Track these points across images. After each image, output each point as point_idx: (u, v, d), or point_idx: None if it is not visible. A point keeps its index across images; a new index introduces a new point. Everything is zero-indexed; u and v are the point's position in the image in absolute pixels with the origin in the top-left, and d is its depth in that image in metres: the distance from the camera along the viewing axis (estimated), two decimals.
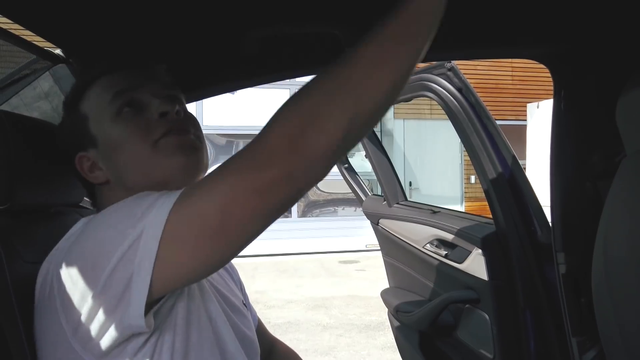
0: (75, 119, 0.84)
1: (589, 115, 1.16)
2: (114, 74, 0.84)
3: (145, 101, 0.82)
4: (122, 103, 0.81)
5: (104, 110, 0.81)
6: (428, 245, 1.86)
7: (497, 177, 1.52)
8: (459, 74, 1.57)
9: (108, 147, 0.81)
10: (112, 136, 0.81)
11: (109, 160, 0.82)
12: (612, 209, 0.99)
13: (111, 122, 0.81)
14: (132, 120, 0.80)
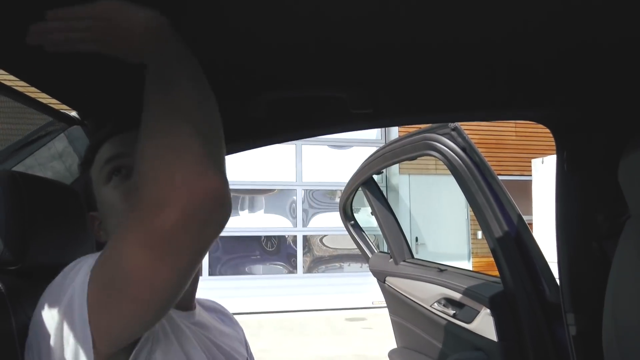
0: (85, 180, 0.90)
1: (592, 176, 1.17)
2: (114, 138, 0.88)
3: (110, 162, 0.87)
4: (111, 169, 0.85)
5: (99, 175, 0.87)
6: (436, 304, 1.84)
7: (504, 236, 1.52)
8: (462, 133, 1.60)
9: (102, 211, 0.87)
10: (104, 200, 0.86)
11: (105, 223, 0.86)
12: (619, 270, 0.99)
13: (103, 187, 0.85)
14: (119, 186, 0.84)
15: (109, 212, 0.85)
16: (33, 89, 0.99)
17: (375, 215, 2.28)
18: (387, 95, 1.10)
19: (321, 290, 9.02)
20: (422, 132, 1.74)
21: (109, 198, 0.84)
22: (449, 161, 1.60)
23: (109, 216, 0.85)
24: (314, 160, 9.50)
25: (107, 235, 0.86)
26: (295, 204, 9.44)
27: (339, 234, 9.19)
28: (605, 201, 1.14)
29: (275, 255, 9.38)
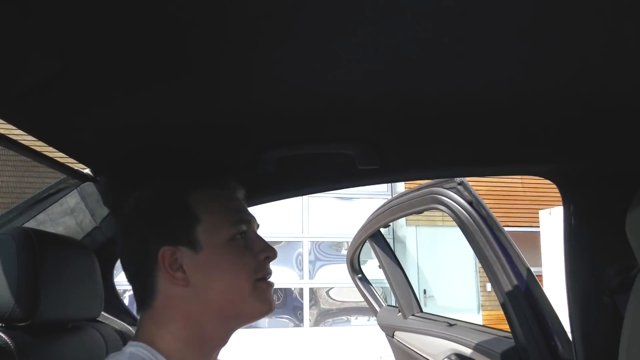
0: (180, 211, 0.85)
1: (600, 229, 1.17)
2: (229, 194, 0.90)
3: (251, 237, 0.88)
4: (238, 231, 0.85)
5: (222, 228, 0.84)
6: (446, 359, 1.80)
7: (513, 290, 1.50)
8: (469, 187, 1.61)
9: (211, 264, 0.83)
10: (221, 257, 0.83)
11: (202, 274, 0.83)
12: (632, 325, 0.97)
13: (225, 243, 0.84)
14: (243, 252, 0.85)
15: (222, 271, 0.83)
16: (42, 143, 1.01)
17: (383, 269, 2.26)
18: (393, 151, 1.12)
19: (328, 343, 8.83)
20: (429, 186, 1.76)
21: (228, 258, 0.83)
22: (456, 215, 1.61)
23: (217, 274, 0.83)
24: (321, 212, 9.51)
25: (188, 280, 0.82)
26: (302, 256, 9.38)
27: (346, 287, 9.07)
28: (615, 255, 1.14)
29: (281, 308, 9.24)
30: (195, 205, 0.85)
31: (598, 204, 1.18)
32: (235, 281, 0.83)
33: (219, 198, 0.88)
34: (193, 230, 0.83)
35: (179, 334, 0.82)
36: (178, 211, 0.85)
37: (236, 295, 0.83)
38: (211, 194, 0.88)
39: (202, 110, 0.90)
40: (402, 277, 2.23)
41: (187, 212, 0.84)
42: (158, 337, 0.82)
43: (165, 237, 0.83)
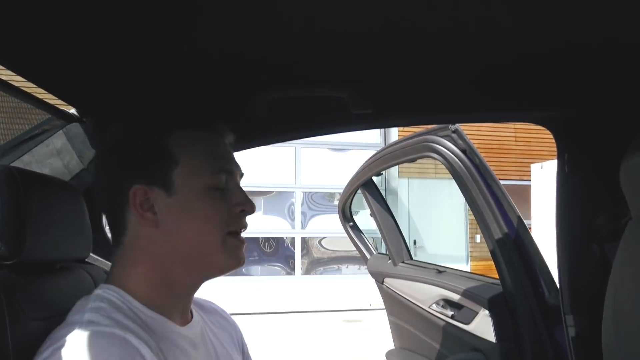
0: (157, 151, 0.81)
1: (593, 178, 1.17)
2: (215, 139, 0.85)
3: (231, 188, 0.84)
4: (219, 181, 0.82)
5: (200, 174, 0.81)
6: (434, 305, 1.83)
7: (503, 238, 1.52)
8: (463, 135, 1.59)
9: (183, 209, 0.80)
10: (195, 204, 0.80)
11: (173, 218, 0.80)
12: (620, 272, 0.98)
13: (200, 190, 0.81)
14: (219, 202, 0.81)
15: (193, 218, 0.80)
16: (29, 84, 0.98)
17: (374, 217, 2.27)
18: (387, 95, 1.10)
19: (319, 291, 9.02)
20: (422, 134, 1.74)
21: (202, 206, 0.80)
22: (449, 163, 1.60)
23: (188, 220, 0.80)
24: (313, 162, 9.51)
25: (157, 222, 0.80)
26: (294, 206, 9.44)
27: (337, 237, 9.19)
28: (607, 204, 1.14)
29: (273, 256, 9.38)
30: (175, 146, 0.81)
31: (592, 153, 1.17)
32: (205, 231, 0.80)
33: (203, 142, 0.84)
34: (169, 172, 0.80)
35: (147, 275, 0.82)
36: (155, 150, 0.81)
37: (204, 245, 0.81)
38: (195, 136, 0.83)
39: (191, 52, 0.87)
40: (393, 225, 2.24)
41: (165, 151, 0.81)
42: (128, 278, 0.82)
43: (139, 175, 0.80)
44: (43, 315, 0.83)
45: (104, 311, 0.75)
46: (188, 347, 0.84)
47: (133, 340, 0.71)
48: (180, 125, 0.84)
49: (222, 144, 0.86)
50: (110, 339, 0.70)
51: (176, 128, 0.83)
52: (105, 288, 0.81)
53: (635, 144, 0.92)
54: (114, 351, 0.69)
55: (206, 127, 0.86)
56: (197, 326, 0.90)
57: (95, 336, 0.70)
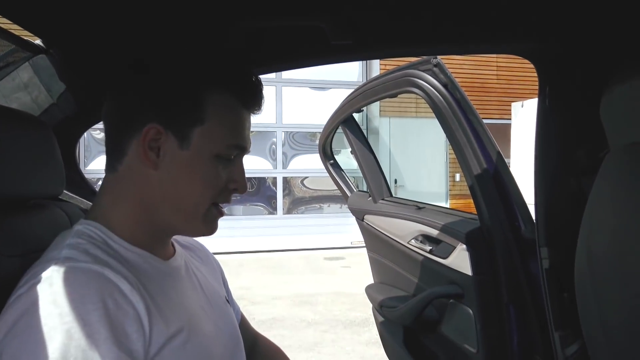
0: (190, 102, 0.80)
1: (573, 112, 1.17)
2: (244, 113, 0.85)
3: (236, 164, 0.85)
4: (230, 154, 0.83)
5: (218, 141, 0.81)
6: (413, 240, 1.86)
7: (482, 173, 1.52)
8: (444, 69, 1.57)
9: (188, 165, 0.80)
10: (200, 166, 0.81)
11: (175, 169, 0.80)
12: (595, 204, 1.00)
13: (212, 155, 0.81)
14: (220, 173, 0.82)
15: (193, 176, 0.81)
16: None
17: (355, 154, 2.26)
18: (367, 26, 1.06)
19: (301, 230, 9.15)
20: (404, 68, 1.71)
21: (206, 169, 0.81)
22: (430, 98, 1.58)
23: (188, 176, 0.80)
24: (295, 102, 9.40)
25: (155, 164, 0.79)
26: (275, 146, 9.40)
27: (319, 176, 9.23)
28: (586, 138, 1.14)
29: (255, 196, 9.42)
30: (209, 105, 0.81)
31: (574, 86, 1.16)
32: (199, 194, 0.81)
33: (233, 112, 0.84)
34: (192, 127, 0.80)
35: (132, 211, 0.82)
36: (189, 100, 0.80)
37: (192, 205, 0.82)
38: (229, 102, 0.83)
39: None
40: (373, 162, 2.24)
41: (198, 106, 0.80)
42: (110, 212, 0.82)
43: (161, 116, 0.80)
44: (18, 252, 0.81)
45: (82, 247, 0.75)
46: (172, 281, 0.85)
47: (111, 276, 0.71)
48: (221, 83, 0.82)
49: (247, 120, 0.87)
50: (87, 274, 0.70)
51: (217, 86, 0.82)
52: (86, 224, 0.80)
53: (616, 76, 0.91)
54: (91, 286, 0.69)
55: (246, 97, 0.85)
56: (180, 260, 0.91)
57: (73, 272, 0.69)
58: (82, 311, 0.65)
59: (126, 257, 0.79)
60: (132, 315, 0.70)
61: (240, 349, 0.95)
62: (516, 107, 8.12)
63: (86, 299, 0.67)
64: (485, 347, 1.55)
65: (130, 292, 0.72)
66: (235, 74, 0.85)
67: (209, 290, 0.94)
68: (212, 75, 0.83)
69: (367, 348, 4.06)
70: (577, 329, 1.11)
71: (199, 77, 0.82)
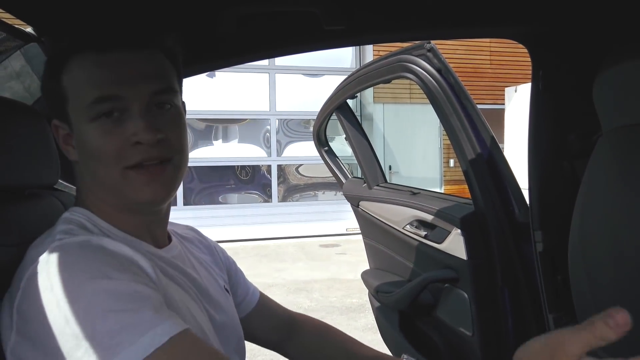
0: (55, 87, 0.77)
1: (566, 96, 1.17)
2: (103, 56, 0.75)
3: (125, 114, 0.75)
4: (100, 111, 0.74)
5: (82, 105, 0.75)
6: (408, 226, 1.87)
7: (476, 158, 1.53)
8: (438, 54, 1.56)
9: (80, 144, 0.77)
10: (86, 139, 0.76)
11: (80, 154, 0.78)
12: (588, 187, 1.00)
13: (87, 123, 0.75)
14: (108, 134, 0.74)
15: (90, 153, 0.76)
16: None
17: (349, 141, 2.26)
18: (360, 10, 1.06)
19: (296, 218, 9.16)
20: (397, 53, 1.70)
21: (92, 139, 0.75)
22: (423, 83, 1.58)
23: (88, 156, 0.76)
24: (288, 89, 9.36)
25: (75, 155, 0.79)
26: (270, 134, 9.38)
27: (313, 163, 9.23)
28: (579, 121, 1.15)
29: (249, 184, 9.42)
30: (64, 77, 0.76)
31: (566, 69, 1.17)
32: (101, 167, 0.76)
33: (85, 66, 0.75)
34: (64, 107, 0.77)
35: (98, 201, 0.81)
36: (53, 83, 0.77)
37: (108, 181, 0.77)
38: (80, 60, 0.75)
39: None
40: (368, 148, 2.24)
41: (58, 85, 0.76)
42: (88, 202, 0.82)
43: (52, 110, 0.80)
44: (14, 242, 0.81)
45: (72, 232, 0.74)
46: (167, 268, 0.84)
47: (110, 245, 0.72)
48: (79, 47, 0.76)
49: (110, 63, 0.75)
50: (89, 246, 0.70)
51: (72, 54, 0.76)
52: (73, 211, 0.80)
53: (609, 60, 0.92)
54: (98, 255, 0.68)
55: (93, 45, 0.76)
56: (176, 249, 0.90)
57: (74, 246, 0.70)
58: (88, 275, 0.65)
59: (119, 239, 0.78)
60: (141, 272, 0.71)
61: (238, 337, 0.95)
62: (510, 92, 8.12)
63: (91, 267, 0.66)
64: (480, 330, 1.57)
65: (134, 254, 0.72)
66: (86, 30, 0.82)
67: (207, 279, 0.94)
68: (69, 42, 0.78)
69: (363, 333, 4.09)
70: (570, 311, 1.13)
71: (57, 52, 0.79)
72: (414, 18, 1.11)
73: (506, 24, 1.15)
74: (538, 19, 1.12)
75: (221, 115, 8.74)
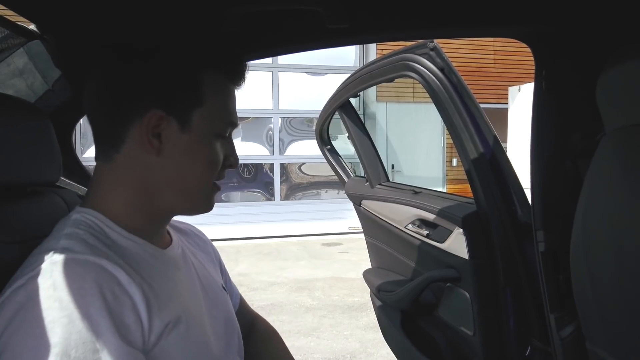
0: (188, 85, 0.81)
1: (569, 95, 1.17)
2: (232, 90, 0.87)
3: (229, 141, 0.88)
4: (226, 132, 0.86)
5: (216, 121, 0.83)
6: (410, 225, 1.87)
7: (479, 157, 1.53)
8: (441, 53, 1.56)
9: (191, 147, 0.81)
10: (203, 147, 0.82)
11: (178, 153, 0.81)
12: (591, 187, 1.00)
13: (211, 135, 0.83)
14: (220, 151, 0.85)
15: (195, 157, 0.82)
16: None
17: (352, 139, 2.26)
18: (364, 9, 1.06)
19: (298, 216, 9.16)
20: (400, 52, 1.70)
21: (207, 150, 0.83)
22: (426, 82, 1.58)
23: (190, 158, 0.81)
24: (291, 87, 9.36)
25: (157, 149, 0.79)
26: (272, 132, 9.38)
27: (315, 162, 9.23)
28: (582, 121, 1.14)
29: (252, 182, 9.42)
30: (206, 86, 0.82)
31: (570, 69, 1.16)
32: (202, 174, 0.83)
33: (226, 90, 0.86)
34: (192, 109, 0.81)
35: (129, 198, 0.81)
36: (187, 84, 0.81)
37: (197, 185, 0.84)
38: (223, 82, 0.85)
39: None
40: (371, 147, 2.24)
41: (196, 89, 0.81)
42: (108, 200, 0.81)
43: (162, 102, 0.79)
44: (16, 239, 0.81)
45: (79, 237, 0.74)
46: (169, 270, 0.84)
47: (108, 266, 0.71)
48: (214, 65, 0.84)
49: (234, 96, 0.88)
50: (84, 266, 0.70)
51: (211, 68, 0.83)
52: (83, 212, 0.79)
53: (612, 59, 0.91)
54: (89, 278, 0.68)
55: (234, 76, 0.87)
56: (178, 248, 0.91)
57: (70, 264, 0.69)
58: (80, 303, 0.65)
59: (124, 246, 0.78)
60: (129, 306, 0.70)
61: (236, 336, 0.96)
62: (513, 91, 8.11)
63: (84, 291, 0.66)
64: (482, 330, 1.56)
65: (128, 283, 0.72)
66: (224, 53, 0.87)
67: (205, 277, 0.95)
68: (206, 57, 0.84)
69: (365, 332, 4.10)
70: (572, 311, 1.12)
71: (195, 61, 0.82)
72: (417, 17, 1.11)
73: (510, 23, 1.14)
74: (542, 19, 1.12)
75: None
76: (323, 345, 3.87)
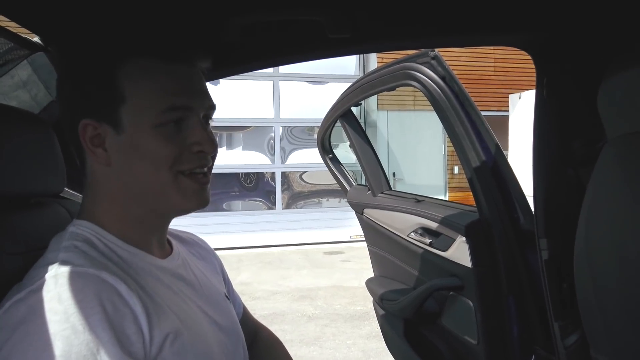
0: (104, 85, 0.76)
1: (571, 102, 1.17)
2: (172, 67, 0.78)
3: (190, 125, 0.79)
4: (170, 119, 0.77)
5: (150, 111, 0.76)
6: (412, 233, 1.87)
7: (481, 166, 1.53)
8: (442, 62, 1.57)
9: (131, 147, 0.77)
10: (144, 143, 0.77)
11: (123, 157, 0.78)
12: (593, 194, 1.00)
13: (149, 129, 0.76)
14: (169, 140, 0.77)
15: (142, 157, 0.77)
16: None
17: (354, 148, 2.27)
18: (365, 19, 1.06)
19: (300, 225, 9.15)
20: (401, 61, 1.71)
21: (152, 145, 0.76)
22: (428, 91, 1.58)
23: (137, 159, 0.77)
24: (292, 96, 9.38)
25: (110, 160, 0.78)
26: (274, 141, 9.39)
27: (317, 170, 9.23)
28: (583, 128, 1.15)
29: (254, 191, 9.42)
30: (123, 80, 0.76)
31: (571, 76, 1.16)
32: (152, 171, 0.77)
33: (153, 75, 0.77)
34: (117, 109, 0.76)
35: (112, 211, 0.81)
36: (102, 83, 0.76)
37: (153, 185, 0.78)
38: (145, 67, 0.77)
39: None
40: (372, 155, 2.24)
41: (112, 87, 0.76)
42: (100, 212, 0.81)
43: (88, 110, 0.77)
44: (19, 250, 0.81)
45: (78, 249, 0.74)
46: (170, 280, 0.84)
47: (108, 278, 0.71)
48: (132, 53, 0.77)
49: (178, 75, 0.79)
50: (84, 279, 0.69)
51: (128, 57, 0.77)
52: (79, 224, 0.79)
53: (613, 66, 0.91)
54: (89, 290, 0.68)
55: (161, 55, 0.78)
56: (178, 258, 0.90)
57: (70, 277, 0.69)
58: (81, 316, 0.65)
59: (122, 256, 0.78)
60: (130, 317, 0.70)
61: (241, 345, 0.95)
62: (514, 98, 8.12)
63: (85, 303, 0.66)
64: (486, 339, 1.56)
65: (128, 294, 0.71)
66: (140, 34, 0.81)
67: (207, 287, 0.94)
68: (118, 47, 0.78)
69: (367, 341, 4.08)
70: (576, 319, 1.12)
71: (103, 57, 0.78)
72: (418, 26, 1.11)
73: (510, 31, 1.15)
74: (542, 27, 1.12)
75: (225, 123, 8.75)
76: (325, 355, 3.85)
